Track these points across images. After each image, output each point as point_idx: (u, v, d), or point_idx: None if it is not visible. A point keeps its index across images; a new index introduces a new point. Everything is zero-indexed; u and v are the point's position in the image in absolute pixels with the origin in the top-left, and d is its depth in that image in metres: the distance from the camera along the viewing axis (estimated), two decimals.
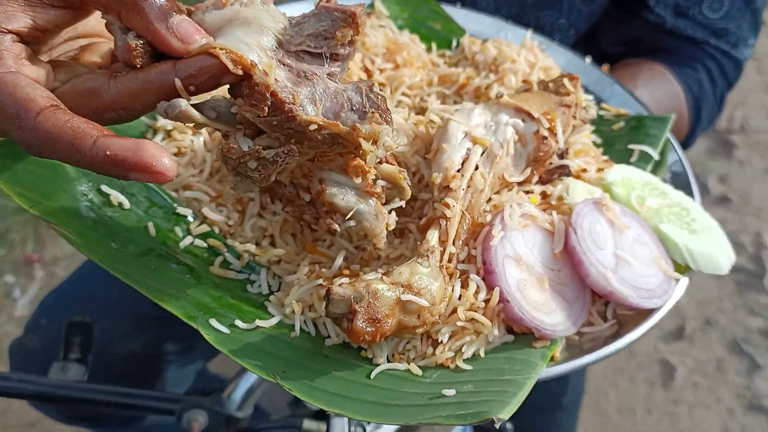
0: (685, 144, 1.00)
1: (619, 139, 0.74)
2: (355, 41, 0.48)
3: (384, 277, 0.49)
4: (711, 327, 1.98)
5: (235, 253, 0.58)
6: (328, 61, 0.47)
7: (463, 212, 0.56)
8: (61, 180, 0.54)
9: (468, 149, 0.58)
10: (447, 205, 0.54)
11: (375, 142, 0.47)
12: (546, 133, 0.60)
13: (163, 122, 0.64)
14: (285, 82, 0.46)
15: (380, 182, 0.53)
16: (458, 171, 0.57)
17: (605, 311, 0.58)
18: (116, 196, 0.56)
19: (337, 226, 0.51)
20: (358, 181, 0.51)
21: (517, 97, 0.63)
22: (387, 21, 0.83)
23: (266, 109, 0.45)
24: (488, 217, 0.57)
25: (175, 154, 0.63)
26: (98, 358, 0.94)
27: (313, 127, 0.45)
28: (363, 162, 0.49)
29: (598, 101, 0.80)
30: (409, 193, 0.53)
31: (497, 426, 0.44)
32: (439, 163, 0.58)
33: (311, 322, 0.54)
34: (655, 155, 0.71)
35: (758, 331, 1.97)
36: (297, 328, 0.53)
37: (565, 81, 0.64)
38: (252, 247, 0.58)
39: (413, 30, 0.84)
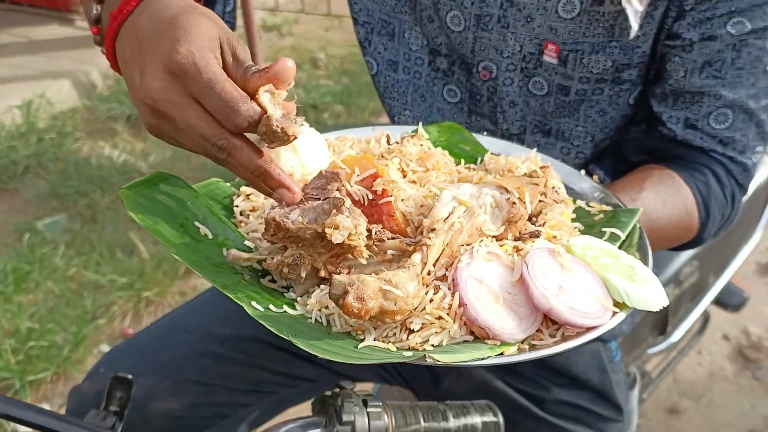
0: (699, 240, 1.11)
1: (596, 226, 0.92)
2: (341, 189, 0.75)
3: (373, 274, 0.70)
4: None
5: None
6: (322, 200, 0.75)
7: (443, 245, 0.76)
8: (168, 215, 0.80)
9: (453, 207, 0.80)
10: (429, 237, 0.75)
11: (336, 227, 0.71)
12: (516, 200, 0.81)
13: (244, 188, 0.90)
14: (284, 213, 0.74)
15: (390, 252, 0.77)
16: (443, 219, 0.78)
17: (556, 333, 0.74)
18: (204, 229, 0.81)
19: None
20: (376, 259, 0.76)
21: (499, 179, 0.85)
22: (426, 141, 1.09)
23: (272, 230, 0.73)
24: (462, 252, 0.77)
25: (251, 210, 0.88)
26: (137, 412, 1.08)
27: (301, 231, 0.72)
28: (359, 246, 0.74)
29: (587, 202, 0.99)
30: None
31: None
32: (430, 215, 0.79)
33: (324, 317, 0.74)
34: (622, 235, 0.88)
35: None
36: (313, 316, 0.73)
37: (537, 170, 0.85)
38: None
39: (446, 149, 1.09)
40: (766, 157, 1.69)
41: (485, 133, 1.13)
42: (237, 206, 0.89)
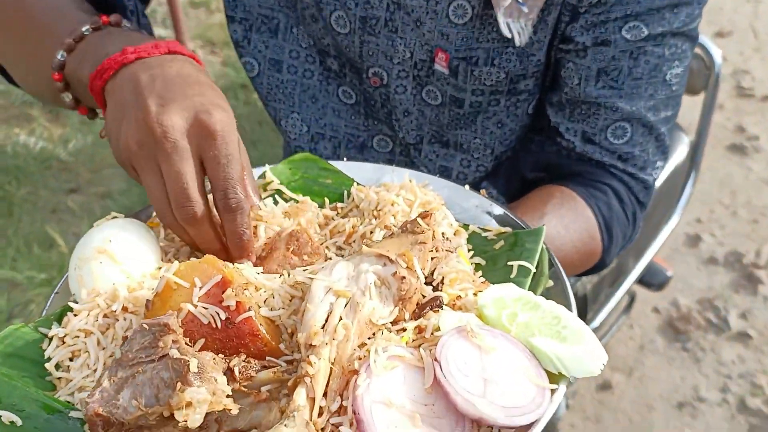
0: (602, 265, 1.04)
1: (500, 258, 0.78)
2: (178, 342, 0.57)
3: None
4: None
5: None
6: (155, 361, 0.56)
7: (331, 366, 0.59)
8: None
9: (331, 303, 0.62)
10: (310, 363, 0.57)
11: (189, 405, 0.53)
12: (404, 273, 0.64)
13: (55, 330, 0.68)
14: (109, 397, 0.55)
15: (264, 388, 0.59)
16: (323, 327, 0.61)
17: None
18: (7, 416, 0.59)
19: None
20: (248, 399, 0.58)
21: (377, 245, 0.68)
22: (280, 187, 0.90)
23: (100, 429, 0.55)
24: (357, 364, 0.60)
25: (70, 359, 0.67)
26: None
27: (141, 419, 0.53)
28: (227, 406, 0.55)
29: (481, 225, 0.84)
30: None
31: None
32: (304, 322, 0.61)
33: None
34: (532, 268, 0.75)
35: None
36: None
37: (419, 220, 0.69)
38: None
39: (305, 190, 0.90)
40: (684, 136, 1.63)
41: (375, 140, 0.97)
42: (50, 359, 0.67)
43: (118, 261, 0.70)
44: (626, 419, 2.08)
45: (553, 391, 0.61)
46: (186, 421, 0.53)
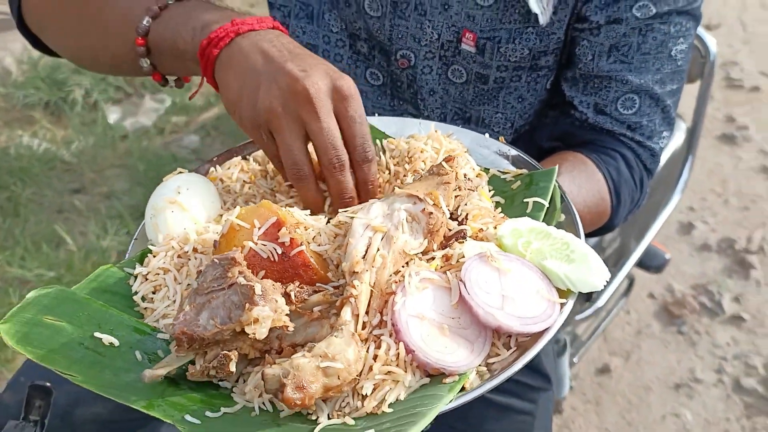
0: (611, 225, 1.12)
1: (517, 196, 0.88)
2: (244, 272, 0.68)
3: (306, 353, 0.63)
4: None
5: None
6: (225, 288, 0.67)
7: (371, 289, 0.70)
8: (61, 336, 0.70)
9: (369, 237, 0.73)
10: (354, 286, 0.69)
11: (256, 321, 0.64)
12: (432, 209, 0.75)
13: (139, 269, 0.80)
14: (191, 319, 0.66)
15: (315, 309, 0.71)
16: (363, 257, 0.71)
17: (510, 342, 0.70)
18: (107, 338, 0.72)
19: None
20: (303, 319, 0.69)
21: (408, 186, 0.78)
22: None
23: (186, 344, 0.66)
24: (394, 287, 0.71)
25: (153, 292, 0.79)
26: (62, 420, 1.04)
27: (218, 334, 0.65)
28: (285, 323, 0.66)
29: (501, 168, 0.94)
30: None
31: None
32: (347, 253, 0.72)
33: (269, 402, 0.67)
34: (545, 203, 0.84)
35: None
36: (256, 407, 0.66)
37: (443, 163, 0.79)
38: None
39: None
40: (681, 123, 1.69)
41: (407, 106, 1.07)
42: (137, 292, 0.79)
43: (186, 209, 0.82)
44: (625, 401, 2.16)
45: (562, 305, 0.71)
46: (254, 334, 0.64)
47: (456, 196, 0.80)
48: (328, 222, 0.79)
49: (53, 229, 2.68)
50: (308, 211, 0.80)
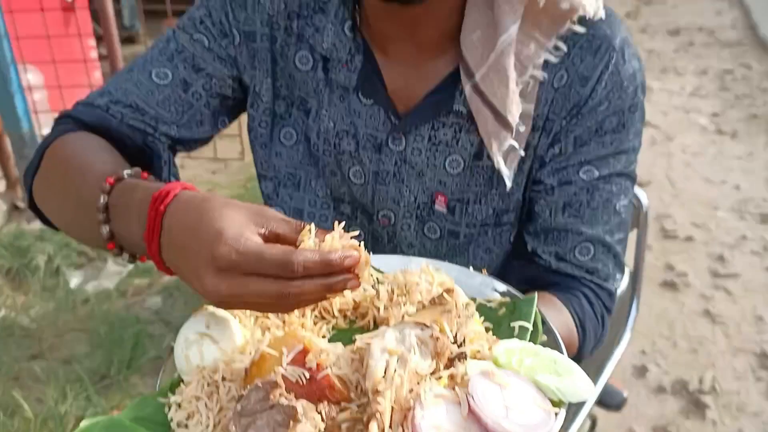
0: (578, 358, 1.25)
1: (503, 321, 1.01)
2: (285, 394, 0.78)
3: None
4: None
5: None
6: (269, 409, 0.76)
7: (392, 405, 0.80)
8: None
9: (386, 360, 0.84)
10: (378, 403, 0.79)
11: None
12: (438, 335, 0.87)
13: (173, 398, 0.88)
14: None
15: (343, 426, 0.80)
16: (383, 377, 0.82)
17: None
18: None
19: None
20: None
21: (415, 315, 0.91)
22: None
23: None
24: (411, 403, 0.81)
25: (186, 418, 0.87)
26: None
27: None
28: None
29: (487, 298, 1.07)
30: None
31: None
32: (368, 374, 0.83)
33: None
34: (530, 326, 0.97)
35: None
36: None
37: (445, 295, 0.92)
38: None
39: None
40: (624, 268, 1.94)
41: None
42: (171, 419, 0.87)
43: (216, 341, 0.91)
44: None
45: (556, 413, 0.82)
46: None
47: (456, 323, 0.92)
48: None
49: (10, 396, 2.61)
50: (326, 339, 0.91)
